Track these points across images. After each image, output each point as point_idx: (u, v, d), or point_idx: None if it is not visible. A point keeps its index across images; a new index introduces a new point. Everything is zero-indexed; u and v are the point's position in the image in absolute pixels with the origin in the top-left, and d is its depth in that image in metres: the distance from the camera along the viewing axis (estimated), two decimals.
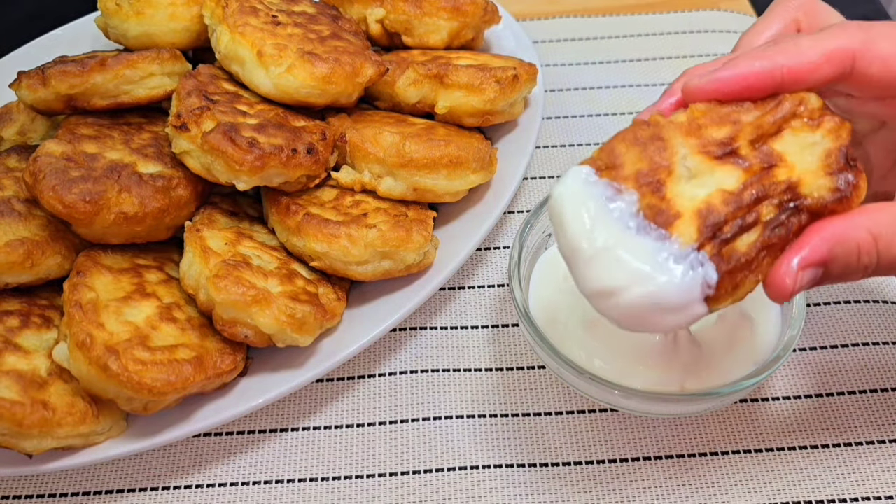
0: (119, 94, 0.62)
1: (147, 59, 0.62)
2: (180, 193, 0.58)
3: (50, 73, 0.60)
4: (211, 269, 0.53)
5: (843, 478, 0.53)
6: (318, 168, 0.60)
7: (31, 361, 0.52)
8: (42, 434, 0.49)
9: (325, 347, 0.57)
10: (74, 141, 0.59)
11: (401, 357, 0.61)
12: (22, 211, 0.57)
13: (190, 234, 0.57)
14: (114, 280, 0.55)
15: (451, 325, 0.63)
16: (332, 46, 0.63)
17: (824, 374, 0.59)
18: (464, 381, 0.60)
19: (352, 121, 0.64)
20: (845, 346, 0.60)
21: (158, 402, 0.51)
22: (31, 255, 0.55)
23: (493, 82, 0.64)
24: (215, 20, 0.64)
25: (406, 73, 0.65)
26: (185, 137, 0.57)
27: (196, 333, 0.54)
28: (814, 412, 0.57)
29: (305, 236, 0.57)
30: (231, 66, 0.63)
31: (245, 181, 0.57)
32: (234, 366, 0.54)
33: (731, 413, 0.57)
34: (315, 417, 0.58)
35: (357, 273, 0.58)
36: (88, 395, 0.51)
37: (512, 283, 0.55)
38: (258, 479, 0.55)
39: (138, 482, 0.55)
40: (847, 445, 0.55)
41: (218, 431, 0.58)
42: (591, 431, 0.56)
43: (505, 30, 0.78)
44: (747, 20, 0.89)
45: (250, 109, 0.61)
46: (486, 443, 0.56)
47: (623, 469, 0.54)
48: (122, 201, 0.55)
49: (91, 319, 0.51)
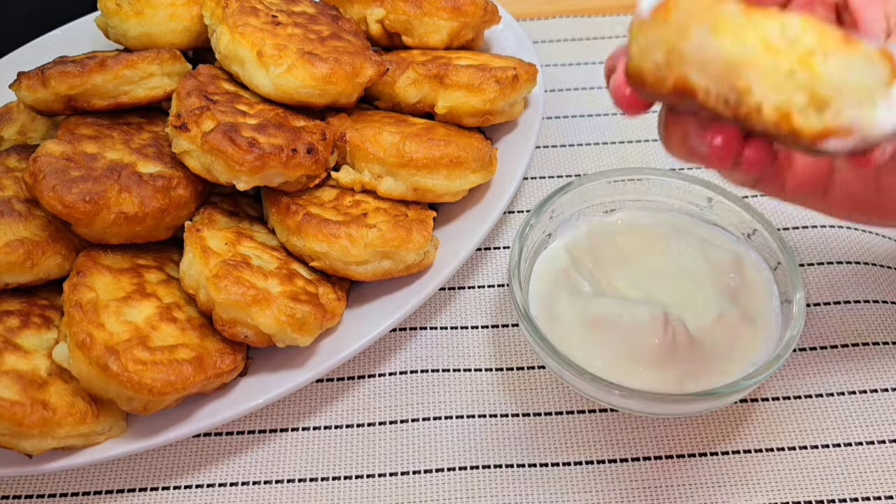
0: (119, 95, 0.62)
1: (147, 59, 0.62)
2: (180, 193, 0.58)
3: (50, 74, 0.60)
4: (211, 269, 0.53)
5: (843, 478, 0.53)
6: (318, 168, 0.60)
7: (31, 361, 0.52)
8: (42, 434, 0.49)
9: (325, 347, 0.57)
10: (74, 141, 0.59)
11: (401, 357, 0.61)
12: (22, 211, 0.57)
13: (190, 234, 0.57)
14: (114, 280, 0.55)
15: (451, 325, 0.63)
16: (332, 46, 0.63)
17: (824, 374, 0.58)
18: (464, 381, 0.59)
19: (352, 121, 0.64)
20: (845, 346, 0.60)
21: (158, 402, 0.51)
22: (31, 256, 0.55)
23: (493, 82, 0.64)
24: (215, 20, 0.64)
25: (406, 73, 0.65)
26: (185, 137, 0.57)
27: (196, 333, 0.54)
28: (814, 412, 0.57)
29: (305, 236, 0.57)
30: (231, 66, 0.63)
31: (245, 181, 0.57)
32: (234, 366, 0.54)
33: (731, 413, 0.57)
34: (315, 417, 0.58)
35: (357, 273, 0.58)
36: (88, 395, 0.51)
37: (512, 283, 0.55)
38: (258, 479, 0.55)
39: (138, 482, 0.55)
40: (847, 445, 0.55)
41: (218, 431, 0.57)
42: (591, 431, 0.56)
43: (505, 30, 0.78)
44: None
45: (250, 109, 0.61)
46: (486, 443, 0.56)
47: (623, 469, 0.54)
48: (122, 201, 0.55)
49: (91, 319, 0.50)
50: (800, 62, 0.33)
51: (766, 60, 0.33)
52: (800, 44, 0.33)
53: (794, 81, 0.33)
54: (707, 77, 0.35)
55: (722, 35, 0.34)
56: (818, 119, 0.33)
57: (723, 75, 0.34)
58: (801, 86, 0.33)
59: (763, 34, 0.33)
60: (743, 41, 0.33)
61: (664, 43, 0.35)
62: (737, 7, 0.34)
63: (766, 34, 0.33)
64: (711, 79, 0.35)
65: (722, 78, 0.34)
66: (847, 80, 0.32)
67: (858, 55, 0.32)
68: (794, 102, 0.33)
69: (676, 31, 0.35)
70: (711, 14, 0.34)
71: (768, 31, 0.33)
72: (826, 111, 0.33)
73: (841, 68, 0.32)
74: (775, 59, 0.33)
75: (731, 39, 0.34)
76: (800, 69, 0.33)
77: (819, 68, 0.33)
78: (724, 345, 0.53)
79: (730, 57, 0.34)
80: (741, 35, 0.33)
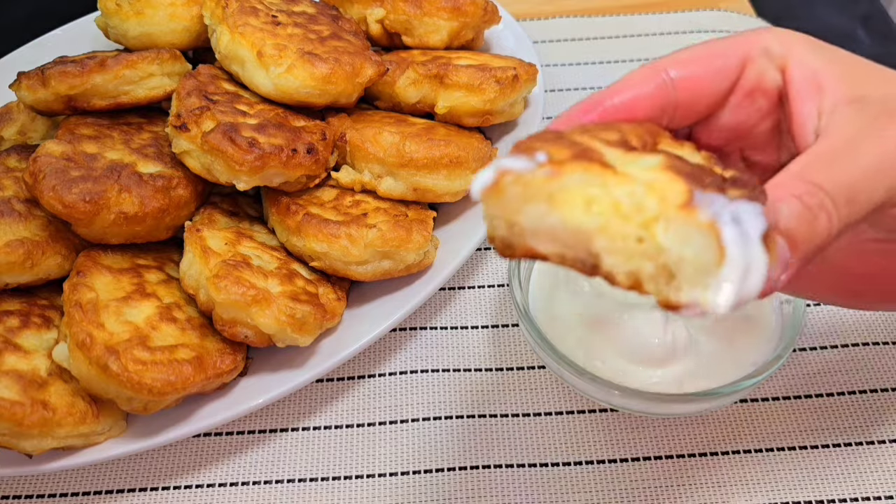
0: (119, 95, 0.62)
1: (147, 59, 0.62)
2: (180, 193, 0.58)
3: (50, 74, 0.60)
4: (211, 269, 0.53)
5: (843, 478, 0.53)
6: (318, 168, 0.60)
7: (31, 361, 0.52)
8: (42, 434, 0.49)
9: (325, 347, 0.57)
10: (74, 141, 0.59)
11: (401, 357, 0.61)
12: (22, 211, 0.57)
13: (190, 233, 0.57)
14: (114, 280, 0.55)
15: (451, 325, 0.63)
16: (332, 46, 0.63)
17: (824, 374, 0.58)
18: (464, 381, 0.59)
19: (352, 121, 0.64)
20: (845, 346, 0.60)
21: (158, 402, 0.51)
22: (31, 256, 0.55)
23: (493, 82, 0.64)
24: (215, 20, 0.63)
25: (406, 73, 0.65)
26: (185, 137, 0.57)
27: (196, 333, 0.54)
28: (814, 412, 0.56)
29: (305, 236, 0.57)
30: (231, 66, 0.63)
31: (245, 181, 0.57)
32: (234, 366, 0.54)
33: (731, 413, 0.57)
34: (315, 417, 0.58)
35: (357, 273, 0.58)
36: (88, 395, 0.51)
37: (512, 283, 0.55)
38: (258, 479, 0.55)
39: (138, 482, 0.55)
40: (847, 445, 0.55)
41: (218, 431, 0.57)
42: (591, 431, 0.56)
43: (505, 30, 0.78)
44: (747, 20, 0.89)
45: (250, 109, 0.61)
46: (487, 443, 0.56)
47: (623, 469, 0.54)
48: (122, 201, 0.55)
49: (91, 319, 0.51)
50: (644, 228, 0.29)
51: (614, 227, 0.30)
52: (644, 209, 0.29)
53: (642, 250, 0.29)
54: (558, 246, 0.31)
55: (563, 206, 0.30)
56: (667, 290, 0.29)
57: (572, 243, 0.31)
58: (648, 255, 0.29)
59: (607, 198, 0.30)
60: (587, 209, 0.30)
61: (503, 219, 0.32)
62: (581, 171, 0.30)
63: (610, 198, 0.30)
64: (562, 247, 0.31)
65: (572, 246, 0.31)
66: (684, 255, 0.28)
67: (694, 226, 0.28)
68: (643, 271, 0.30)
69: (512, 209, 0.31)
70: (548, 187, 0.30)
71: (613, 194, 0.29)
72: (672, 283, 0.29)
73: (678, 241, 0.29)
74: (623, 225, 0.29)
75: (573, 209, 0.30)
76: (646, 236, 0.29)
77: (659, 238, 0.29)
78: (724, 345, 0.53)
79: (575, 227, 0.30)
80: (584, 202, 0.30)
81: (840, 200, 0.33)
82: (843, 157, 0.34)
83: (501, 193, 0.31)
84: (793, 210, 0.32)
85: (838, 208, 0.33)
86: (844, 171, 0.34)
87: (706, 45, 0.40)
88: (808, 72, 0.38)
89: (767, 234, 0.29)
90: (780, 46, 0.39)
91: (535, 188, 0.31)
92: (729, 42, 0.40)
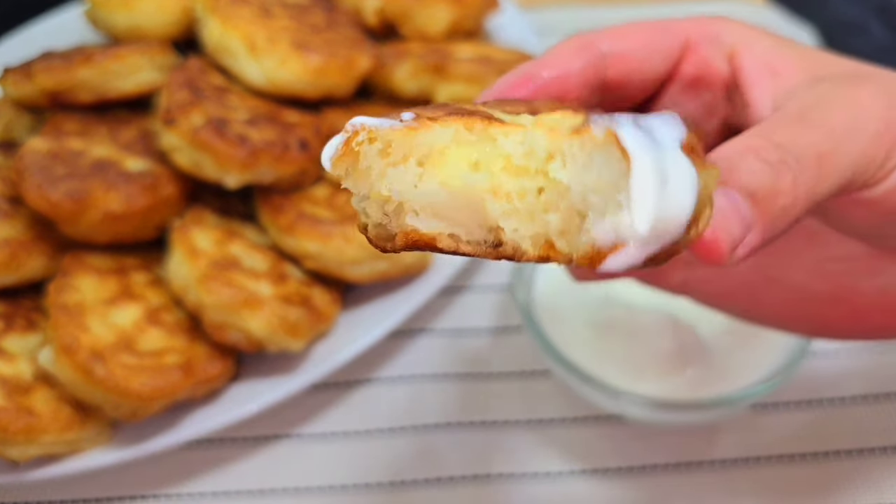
0: (106, 89, 0.61)
1: (134, 52, 0.61)
2: (168, 191, 0.57)
3: (35, 69, 0.60)
4: (199, 270, 0.53)
5: (857, 486, 0.52)
6: (311, 164, 0.59)
7: (15, 366, 0.52)
8: (27, 441, 0.49)
9: (318, 352, 0.56)
10: (60, 137, 0.59)
11: (399, 362, 0.60)
12: (7, 210, 0.57)
13: (177, 233, 0.56)
14: (100, 281, 0.55)
15: (451, 327, 0.62)
16: (326, 38, 0.62)
17: (833, 377, 0.57)
18: (465, 387, 0.58)
19: (348, 114, 0.62)
20: (856, 351, 0.59)
21: (146, 409, 0.51)
22: (17, 256, 0.55)
23: (494, 74, 0.63)
24: (206, 11, 0.63)
25: (404, 65, 0.64)
26: (173, 132, 0.56)
27: (184, 337, 0.53)
28: (828, 418, 0.55)
29: (298, 235, 0.56)
30: (221, 58, 0.62)
31: (235, 178, 0.56)
32: (224, 371, 0.53)
33: (741, 420, 0.55)
34: (309, 425, 0.57)
35: (352, 274, 0.57)
36: (74, 402, 0.51)
37: (516, 284, 0.54)
38: (250, 488, 0.54)
39: (126, 490, 0.54)
40: (859, 453, 0.53)
41: (208, 439, 0.56)
42: (598, 439, 0.55)
43: (507, 20, 0.77)
44: (760, 11, 0.88)
45: (241, 103, 0.60)
46: (489, 451, 0.55)
47: (631, 479, 0.53)
48: (108, 199, 0.54)
49: (76, 322, 0.50)
50: (543, 175, 0.25)
51: (507, 183, 0.25)
52: (537, 152, 0.25)
53: (544, 201, 0.25)
54: (445, 223, 0.26)
55: (440, 167, 0.25)
56: (579, 241, 0.24)
57: (462, 216, 0.25)
58: (551, 205, 0.25)
59: (494, 151, 0.25)
60: (472, 167, 0.25)
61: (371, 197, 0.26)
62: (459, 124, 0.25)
63: (498, 150, 0.25)
64: (451, 224, 0.26)
65: (463, 220, 0.25)
66: (587, 182, 0.24)
67: (590, 145, 0.24)
68: (551, 228, 0.25)
69: (375, 175, 0.26)
70: (415, 141, 0.25)
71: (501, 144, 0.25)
72: (584, 227, 0.24)
73: (578, 170, 0.24)
74: (517, 178, 0.25)
75: (454, 168, 0.25)
76: (546, 183, 0.24)
77: (557, 176, 0.24)
78: (735, 351, 0.52)
79: (460, 190, 0.25)
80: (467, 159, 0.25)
81: (806, 162, 0.29)
82: (808, 119, 0.31)
83: (355, 156, 0.26)
84: (752, 165, 0.29)
85: (804, 170, 0.29)
86: (809, 131, 0.30)
87: (647, 22, 0.37)
88: (761, 58, 0.35)
89: (693, 147, 0.24)
90: (729, 35, 0.36)
91: (398, 144, 0.25)
92: (672, 22, 0.37)
